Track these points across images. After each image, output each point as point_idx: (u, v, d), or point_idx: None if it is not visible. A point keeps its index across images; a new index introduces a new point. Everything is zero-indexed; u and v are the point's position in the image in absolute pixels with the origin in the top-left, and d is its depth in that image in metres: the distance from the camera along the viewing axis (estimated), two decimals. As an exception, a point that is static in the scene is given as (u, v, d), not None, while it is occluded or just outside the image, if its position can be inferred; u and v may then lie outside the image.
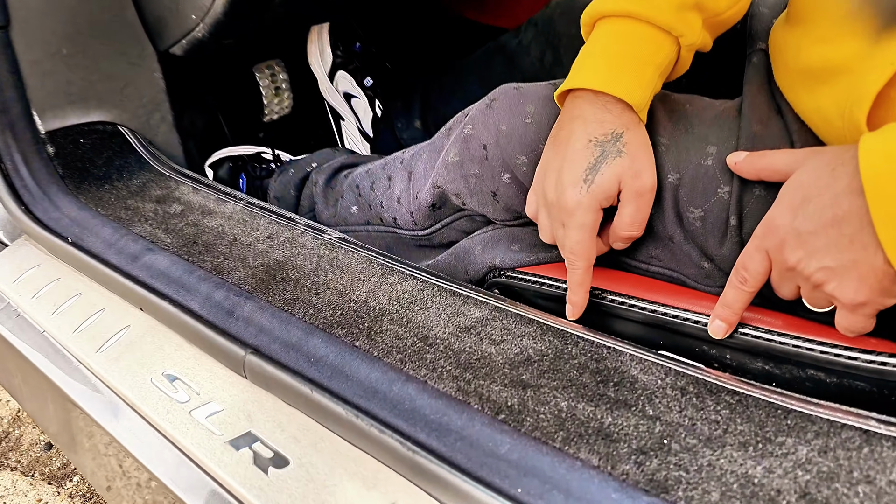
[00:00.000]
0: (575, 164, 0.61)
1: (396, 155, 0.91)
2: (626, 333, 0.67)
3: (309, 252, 0.70)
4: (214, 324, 0.63)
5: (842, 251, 0.49)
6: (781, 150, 0.57)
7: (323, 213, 1.01)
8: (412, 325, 0.59)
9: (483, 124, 0.73)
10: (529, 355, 0.54)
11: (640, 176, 0.61)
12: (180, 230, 0.76)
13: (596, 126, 0.61)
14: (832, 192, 0.49)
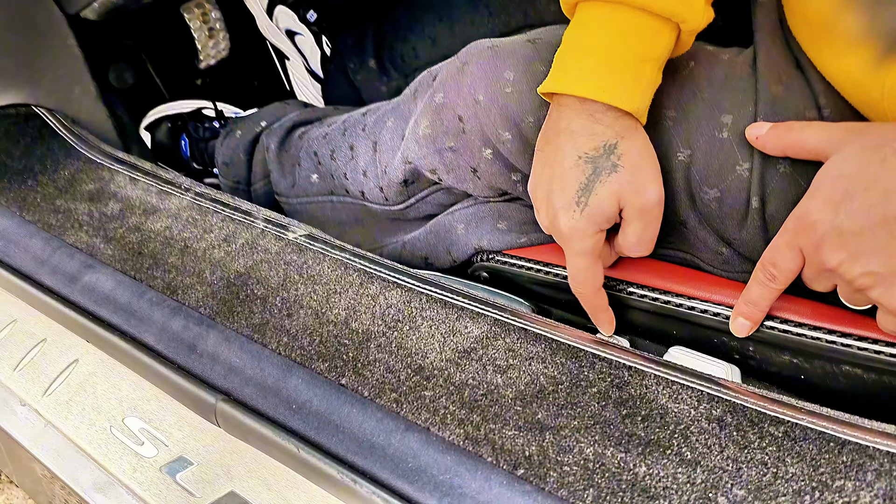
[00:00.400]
0: (565, 184, 0.53)
1: (357, 118, 0.81)
2: (637, 324, 0.61)
3: (273, 258, 0.62)
4: (175, 362, 0.55)
5: (892, 256, 0.43)
6: (812, 124, 0.50)
7: (280, 182, 0.91)
8: (403, 351, 0.52)
9: (456, 92, 0.64)
10: (542, 385, 0.48)
11: (643, 190, 0.53)
12: (122, 237, 0.67)
13: (586, 140, 0.52)
14: (882, 188, 0.42)
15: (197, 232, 0.66)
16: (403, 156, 0.70)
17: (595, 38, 0.52)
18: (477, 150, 0.65)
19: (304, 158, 0.87)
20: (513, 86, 0.61)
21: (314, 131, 0.88)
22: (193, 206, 0.69)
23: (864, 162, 0.44)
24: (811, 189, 0.47)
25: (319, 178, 0.87)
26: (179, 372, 0.54)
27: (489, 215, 0.70)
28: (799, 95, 0.54)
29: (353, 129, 0.79)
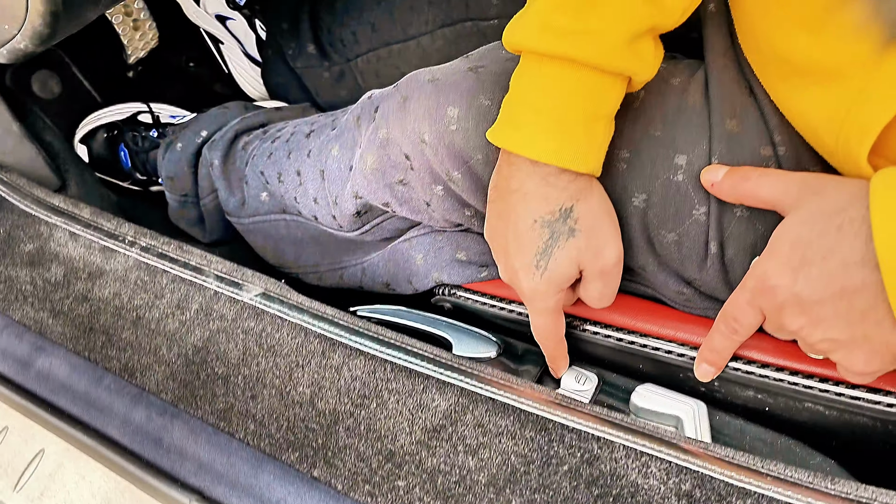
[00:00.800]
0: (522, 247, 0.52)
1: (300, 140, 0.78)
2: (604, 359, 0.62)
3: (230, 326, 0.60)
4: (142, 457, 0.54)
5: (852, 325, 0.43)
6: (767, 173, 0.49)
7: (229, 201, 0.88)
8: (373, 434, 0.51)
9: (400, 130, 0.61)
10: (514, 466, 0.48)
11: (602, 253, 0.52)
12: (70, 310, 0.64)
13: (540, 203, 0.50)
14: (840, 260, 0.42)
15: (148, 298, 0.64)
16: (353, 190, 0.68)
17: (546, 97, 0.49)
18: (427, 186, 0.62)
19: (252, 177, 0.84)
20: (458, 123, 0.58)
21: (258, 146, 0.85)
22: (140, 265, 0.67)
23: (821, 229, 0.43)
24: (770, 248, 0.46)
25: (269, 196, 0.84)
26: (148, 469, 0.53)
27: (447, 245, 0.69)
28: (754, 131, 0.52)
29: (299, 154, 0.76)
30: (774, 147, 0.51)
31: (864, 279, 0.41)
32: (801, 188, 0.46)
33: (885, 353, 0.43)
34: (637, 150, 0.54)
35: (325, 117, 0.78)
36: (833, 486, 0.44)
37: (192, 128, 0.94)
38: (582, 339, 0.60)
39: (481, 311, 0.65)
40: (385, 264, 0.74)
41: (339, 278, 0.82)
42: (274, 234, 0.87)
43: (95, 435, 0.56)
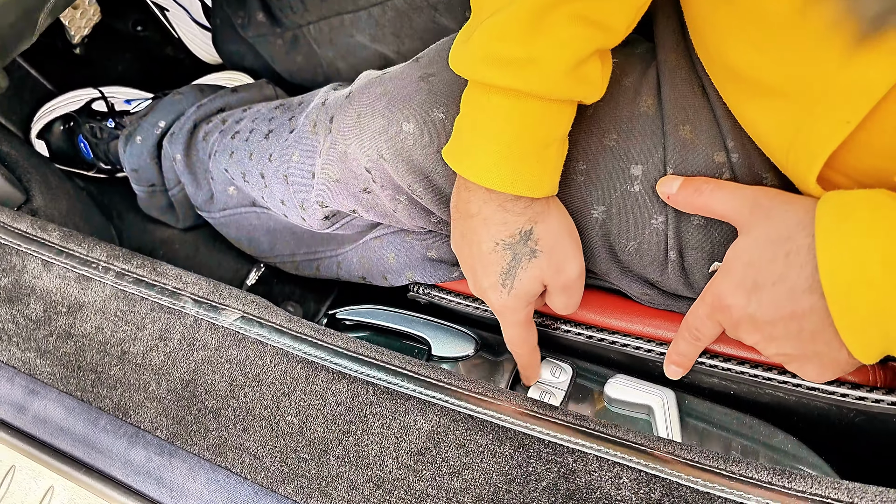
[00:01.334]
0: (487, 268, 0.53)
1: (259, 140, 0.77)
2: (577, 350, 0.64)
3: (214, 356, 0.62)
4: (147, 496, 0.57)
5: (803, 343, 0.45)
6: (720, 188, 0.49)
7: (197, 195, 0.88)
8: (362, 461, 0.54)
9: (358, 146, 0.61)
10: (496, 485, 0.52)
11: (563, 269, 0.54)
12: (55, 349, 0.66)
13: (499, 228, 0.51)
14: (789, 286, 0.43)
15: (130, 330, 0.65)
16: (318, 199, 0.68)
17: (495, 126, 0.49)
18: (391, 196, 0.63)
19: (216, 172, 0.84)
20: (414, 139, 0.58)
21: (219, 140, 0.84)
22: (118, 294, 0.68)
23: (770, 255, 0.45)
24: (724, 268, 0.48)
25: (237, 190, 0.84)
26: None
27: (417, 244, 0.69)
28: (707, 137, 0.52)
29: (260, 157, 0.75)
30: (728, 153, 0.52)
31: (811, 305, 0.43)
32: (753, 209, 0.47)
33: (835, 366, 0.46)
34: (593, 162, 0.54)
35: (282, 113, 0.77)
36: (790, 483, 0.48)
37: (150, 119, 0.92)
38: (554, 336, 0.63)
39: (456, 310, 0.67)
40: (359, 259, 0.76)
41: (316, 269, 0.83)
42: (246, 226, 0.87)
43: (99, 476, 0.59)
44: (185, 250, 1.04)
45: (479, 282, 0.55)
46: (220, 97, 0.92)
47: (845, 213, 0.41)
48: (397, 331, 0.70)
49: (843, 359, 0.44)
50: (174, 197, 0.94)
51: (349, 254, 0.77)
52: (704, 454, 0.51)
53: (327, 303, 0.91)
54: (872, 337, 0.41)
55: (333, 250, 0.80)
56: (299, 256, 0.85)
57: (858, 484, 0.48)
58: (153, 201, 0.97)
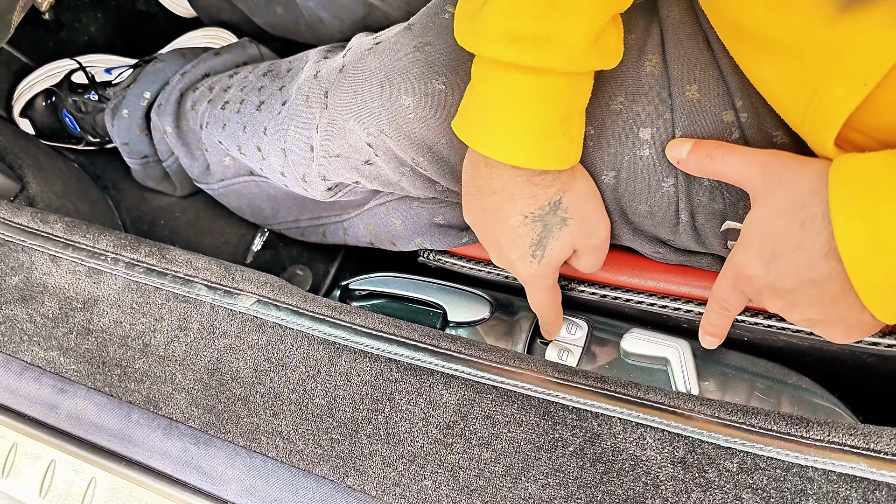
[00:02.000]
0: (516, 241, 0.53)
1: (251, 111, 0.75)
2: (592, 307, 0.65)
3: (235, 342, 0.63)
4: (190, 485, 0.60)
5: (825, 308, 0.46)
6: (730, 152, 0.49)
7: (192, 167, 0.87)
8: (393, 438, 0.56)
9: (357, 122, 0.60)
10: (525, 454, 0.54)
11: (594, 233, 0.55)
12: (77, 346, 0.67)
13: (528, 202, 0.51)
14: (807, 254, 0.44)
15: (148, 322, 0.66)
16: (320, 173, 0.67)
17: (518, 104, 0.48)
18: (394, 168, 0.62)
19: (210, 144, 0.82)
20: (415, 112, 0.57)
21: (208, 111, 0.82)
22: (130, 286, 0.68)
23: (786, 224, 0.45)
24: (742, 240, 0.48)
25: (233, 160, 0.83)
26: (198, 494, 0.59)
27: (424, 210, 0.69)
28: (714, 96, 0.52)
29: (254, 129, 0.74)
30: (736, 112, 0.51)
31: (830, 271, 0.43)
32: (765, 175, 0.47)
33: (860, 327, 0.46)
34: (601, 126, 0.54)
35: (272, 82, 0.75)
36: (808, 433, 0.50)
37: (134, 90, 0.90)
38: (576, 299, 0.64)
39: (468, 275, 0.68)
40: (365, 226, 0.75)
41: (323, 235, 0.83)
42: (247, 194, 0.86)
43: (140, 467, 0.61)
44: (187, 217, 1.03)
45: (506, 254, 0.56)
46: (204, 62, 0.89)
47: (858, 177, 0.41)
48: (412, 298, 0.70)
49: (868, 320, 0.45)
50: (169, 168, 0.93)
51: (355, 220, 0.77)
52: (724, 408, 0.52)
53: (335, 264, 0.91)
54: (893, 298, 0.42)
55: (338, 215, 0.80)
56: (304, 222, 0.84)
57: (874, 427, 0.50)
58: (148, 172, 0.96)
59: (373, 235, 0.75)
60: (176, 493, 0.60)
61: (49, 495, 0.66)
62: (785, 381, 0.60)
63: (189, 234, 1.00)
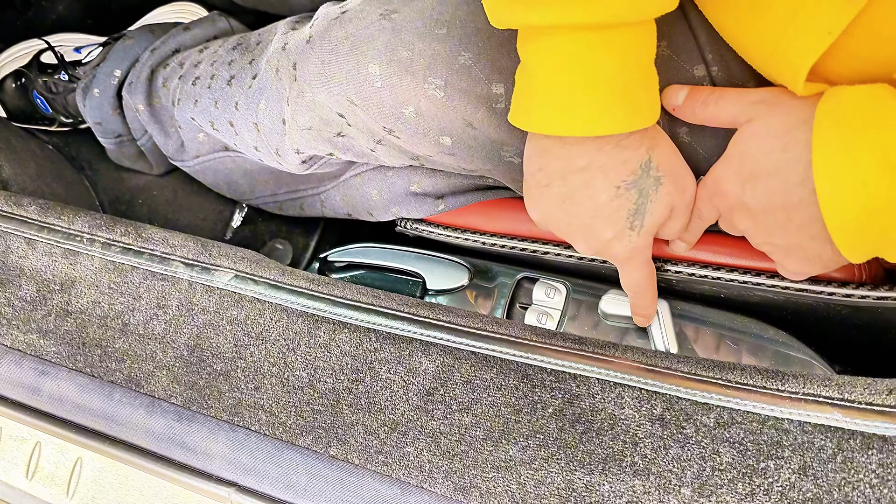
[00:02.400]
0: (610, 217, 0.51)
1: (222, 87, 0.74)
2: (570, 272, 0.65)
3: (214, 318, 0.63)
4: (175, 461, 0.60)
5: (789, 235, 0.47)
6: (724, 96, 0.49)
7: (167, 145, 0.86)
8: (374, 407, 0.57)
9: (326, 92, 0.59)
10: (505, 417, 0.54)
11: (688, 188, 0.52)
12: (56, 328, 0.66)
13: (619, 169, 0.49)
14: (783, 179, 0.45)
15: (127, 301, 0.66)
16: (293, 147, 0.67)
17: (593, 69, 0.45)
18: (367, 139, 0.62)
19: (183, 121, 0.82)
20: (382, 80, 0.56)
21: (179, 87, 0.81)
22: (107, 266, 0.68)
23: (768, 147, 0.45)
24: (725, 154, 0.49)
25: (207, 136, 0.82)
26: (183, 470, 0.59)
27: (399, 179, 0.69)
28: (684, 51, 0.51)
29: (226, 105, 0.73)
30: (707, 66, 0.51)
31: (802, 199, 0.44)
32: (756, 105, 0.47)
33: (817, 260, 0.47)
34: None
35: (241, 56, 0.74)
36: (784, 385, 0.50)
37: (104, 69, 0.88)
38: (544, 259, 0.64)
39: (445, 243, 0.68)
40: (342, 198, 0.75)
41: (300, 208, 0.82)
42: (223, 170, 0.86)
43: (125, 446, 0.61)
44: (165, 195, 1.03)
45: (599, 235, 0.52)
46: (173, 37, 0.88)
47: (844, 111, 0.41)
48: (391, 268, 0.70)
49: (827, 255, 0.46)
50: (144, 146, 0.92)
51: (331, 192, 0.76)
52: (701, 365, 0.53)
53: (315, 237, 0.91)
54: (863, 237, 0.42)
55: (314, 188, 0.79)
56: (281, 196, 0.84)
57: (848, 378, 0.50)
58: (123, 151, 0.95)
59: (350, 206, 0.75)
60: (162, 470, 0.60)
61: (36, 477, 0.67)
62: (762, 335, 0.60)
63: (167, 213, 1.00)
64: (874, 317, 0.55)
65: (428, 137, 0.58)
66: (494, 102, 0.55)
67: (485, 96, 0.55)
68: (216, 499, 0.59)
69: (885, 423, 0.46)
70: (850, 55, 0.42)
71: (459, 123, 0.56)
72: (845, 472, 0.46)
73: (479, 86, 0.55)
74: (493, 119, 0.56)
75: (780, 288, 0.55)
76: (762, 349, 0.60)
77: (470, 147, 0.58)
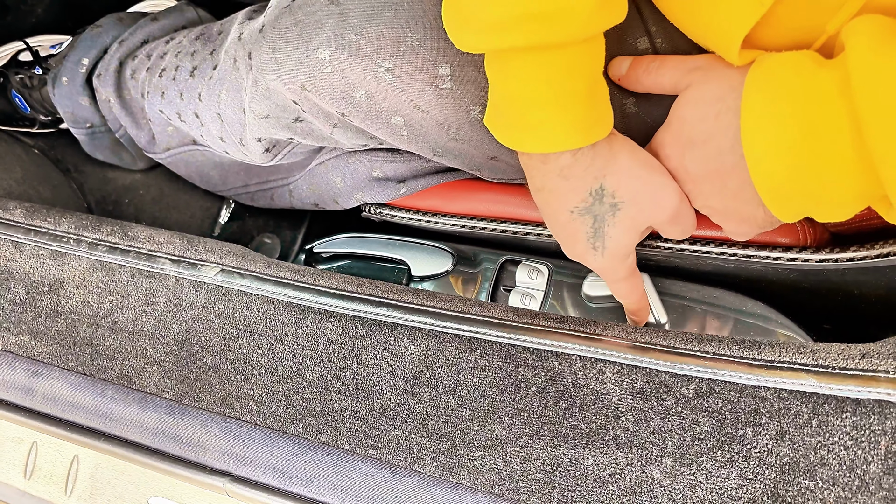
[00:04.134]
0: (572, 237, 0.52)
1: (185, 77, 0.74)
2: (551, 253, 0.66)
3: (202, 313, 0.64)
4: (169, 454, 0.61)
5: (725, 199, 0.49)
6: (664, 63, 0.50)
7: (140, 137, 0.88)
8: (362, 393, 0.58)
9: (279, 80, 0.60)
10: (490, 397, 0.55)
11: (660, 205, 0.50)
12: (47, 329, 0.67)
13: (568, 196, 0.49)
14: (716, 146, 0.46)
15: (115, 300, 0.67)
16: (254, 135, 0.68)
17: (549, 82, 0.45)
18: (323, 122, 0.63)
19: (152, 113, 0.82)
20: (332, 65, 0.57)
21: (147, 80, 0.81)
22: (94, 265, 0.68)
23: (702, 114, 0.47)
24: (668, 119, 0.50)
25: (175, 129, 0.83)
26: (178, 463, 0.60)
27: (361, 165, 0.70)
28: (628, 24, 0.53)
29: (190, 96, 0.74)
30: (651, 37, 0.52)
31: (734, 164, 0.45)
32: (693, 71, 0.48)
33: (751, 222, 0.49)
34: None
35: (203, 46, 0.75)
36: (760, 354, 0.52)
37: (72, 57, 0.89)
38: (525, 240, 0.64)
39: (410, 226, 0.68)
40: (308, 187, 0.76)
41: (271, 199, 0.83)
42: (194, 162, 0.87)
43: (119, 441, 0.62)
44: (151, 194, 1.03)
45: (573, 249, 0.54)
46: (141, 28, 0.88)
47: (770, 78, 0.42)
48: (376, 256, 0.71)
49: (761, 216, 0.47)
50: (122, 138, 0.92)
51: (299, 182, 0.77)
52: (679, 338, 0.54)
53: (302, 230, 0.92)
54: (791, 198, 0.43)
55: (283, 178, 0.80)
56: (252, 187, 0.85)
57: (823, 344, 0.52)
58: (96, 143, 0.95)
59: (316, 196, 0.76)
60: (157, 464, 0.61)
61: (34, 476, 0.68)
62: (741, 308, 0.61)
63: (155, 211, 1.00)
64: (820, 279, 0.56)
65: (381, 119, 0.59)
66: (440, 83, 0.56)
67: (431, 76, 0.55)
68: (211, 489, 0.60)
69: (859, 386, 0.48)
70: (781, 23, 0.43)
71: (408, 106, 0.57)
72: (821, 435, 0.48)
73: (426, 67, 0.55)
74: (440, 100, 0.56)
75: (728, 255, 0.56)
76: (741, 322, 0.61)
77: (420, 128, 0.59)
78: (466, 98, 0.55)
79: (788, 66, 0.42)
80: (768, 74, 0.42)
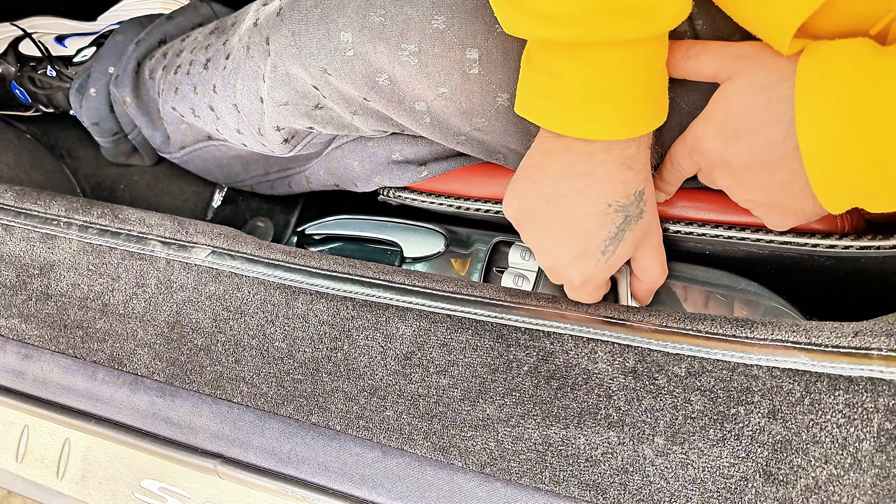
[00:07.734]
0: (588, 232, 0.50)
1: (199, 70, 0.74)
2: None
3: (192, 295, 0.63)
4: (160, 436, 0.61)
5: (772, 192, 0.47)
6: (706, 50, 0.49)
7: (154, 137, 0.87)
8: (353, 374, 0.57)
9: (299, 65, 0.59)
10: (482, 377, 0.55)
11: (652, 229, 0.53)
12: (37, 312, 0.67)
13: (616, 188, 0.48)
14: (766, 136, 0.45)
15: (105, 282, 0.66)
16: (272, 124, 0.67)
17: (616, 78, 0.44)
18: (343, 109, 0.62)
19: (166, 111, 0.82)
20: (354, 48, 0.56)
21: (163, 78, 0.81)
22: (85, 248, 0.68)
23: (751, 104, 0.45)
24: (706, 111, 0.49)
25: (189, 126, 0.82)
26: (169, 444, 0.60)
27: (379, 148, 0.69)
28: None
29: (204, 89, 0.73)
30: (691, 19, 0.51)
31: (785, 155, 0.44)
32: (736, 60, 0.47)
33: (798, 214, 0.48)
34: None
35: (217, 39, 0.74)
36: (752, 333, 0.51)
37: (98, 68, 0.88)
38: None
39: (428, 209, 0.68)
40: (325, 171, 0.75)
41: (289, 186, 0.83)
42: (210, 158, 0.86)
43: (110, 424, 0.62)
44: (146, 180, 1.03)
45: (566, 250, 0.51)
46: (158, 28, 0.87)
47: (827, 67, 0.41)
48: (368, 238, 0.71)
49: (809, 208, 0.46)
50: (135, 140, 0.92)
51: (315, 167, 0.77)
52: (672, 317, 0.54)
53: (295, 213, 0.91)
54: (844, 191, 0.42)
55: (302, 165, 0.79)
56: (273, 175, 0.84)
57: (815, 322, 0.51)
58: (119, 149, 0.95)
59: (336, 178, 0.75)
60: (148, 446, 0.61)
61: (26, 460, 0.67)
62: (734, 287, 0.61)
63: (149, 197, 1.00)
64: (856, 266, 0.55)
65: (403, 105, 0.58)
66: (468, 68, 0.55)
67: (458, 61, 0.55)
68: (203, 471, 0.59)
69: (851, 364, 0.47)
70: (838, 11, 0.42)
71: (432, 92, 0.56)
72: (813, 413, 0.47)
73: (453, 51, 0.54)
74: (466, 85, 0.55)
75: (764, 242, 0.56)
76: (736, 300, 0.60)
77: (444, 115, 0.58)
78: (494, 84, 0.54)
79: (845, 53, 0.40)
80: (824, 63, 0.41)
